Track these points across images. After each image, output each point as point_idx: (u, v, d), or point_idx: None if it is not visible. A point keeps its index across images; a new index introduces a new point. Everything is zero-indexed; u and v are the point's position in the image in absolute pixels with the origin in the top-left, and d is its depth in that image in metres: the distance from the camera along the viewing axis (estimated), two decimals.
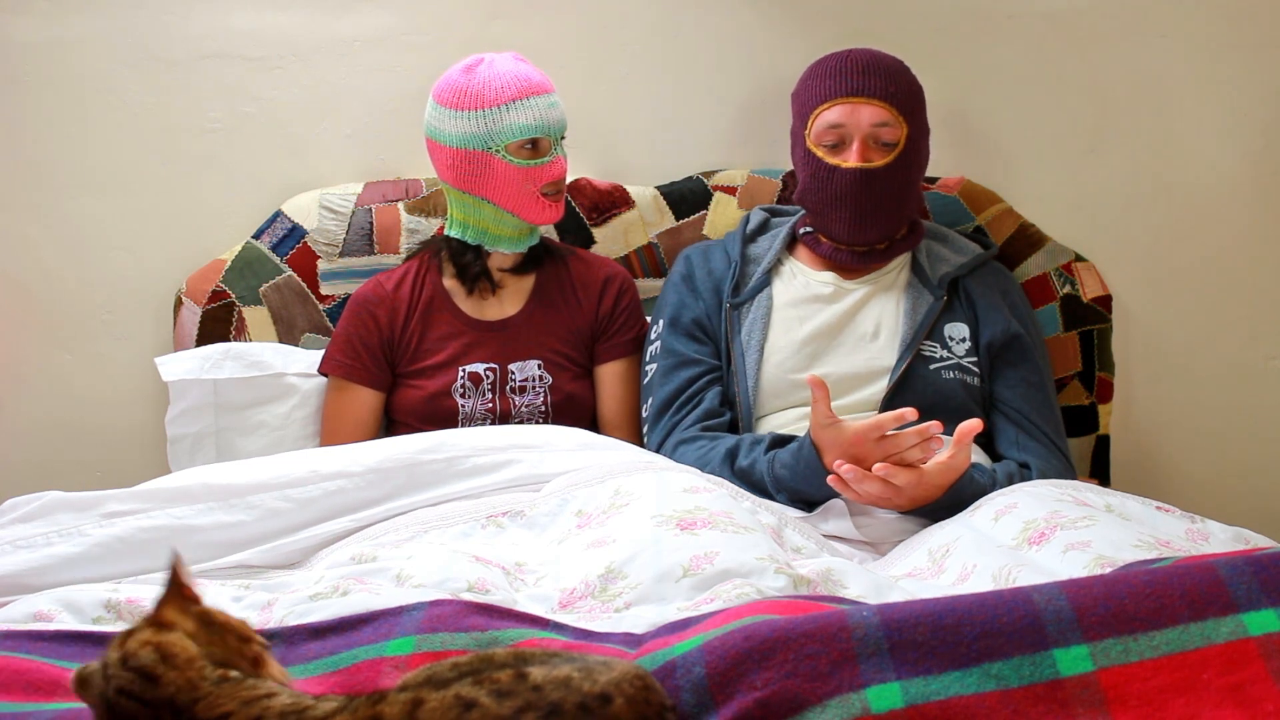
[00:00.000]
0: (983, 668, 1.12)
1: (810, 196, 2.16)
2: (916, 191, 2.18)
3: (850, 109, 2.11)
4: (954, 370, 2.10)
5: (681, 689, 1.12)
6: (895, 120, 2.10)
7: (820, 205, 2.14)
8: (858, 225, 2.12)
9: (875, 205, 2.10)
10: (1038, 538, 1.64)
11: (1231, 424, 2.52)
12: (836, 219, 2.12)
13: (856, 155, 2.10)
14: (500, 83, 2.16)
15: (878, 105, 2.10)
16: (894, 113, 2.10)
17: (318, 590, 1.50)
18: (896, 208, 2.13)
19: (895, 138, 2.10)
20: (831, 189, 2.11)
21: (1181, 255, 2.49)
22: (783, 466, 1.94)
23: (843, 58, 2.15)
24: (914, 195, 2.17)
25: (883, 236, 2.16)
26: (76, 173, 2.46)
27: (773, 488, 1.95)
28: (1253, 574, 1.18)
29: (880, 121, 2.10)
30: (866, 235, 2.13)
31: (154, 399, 2.42)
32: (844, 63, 2.14)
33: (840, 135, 2.12)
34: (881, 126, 2.10)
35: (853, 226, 2.12)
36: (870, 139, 2.11)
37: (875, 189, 2.09)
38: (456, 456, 1.89)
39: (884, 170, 2.09)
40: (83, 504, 1.80)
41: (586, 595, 1.53)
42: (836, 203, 2.12)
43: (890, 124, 2.10)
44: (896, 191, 2.11)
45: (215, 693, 1.03)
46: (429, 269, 2.30)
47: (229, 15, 2.44)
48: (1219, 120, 2.46)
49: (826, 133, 2.12)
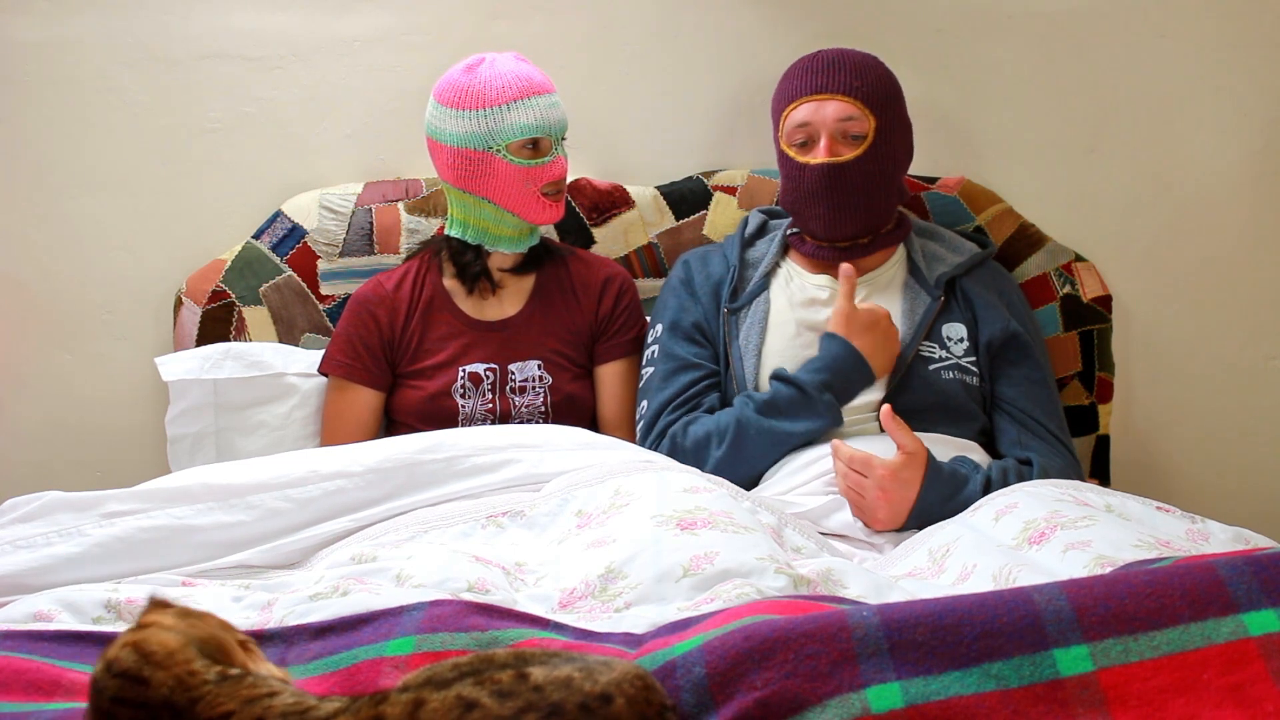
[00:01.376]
0: (983, 668, 1.12)
1: (788, 197, 2.18)
2: (896, 185, 2.17)
3: (815, 106, 2.12)
4: (953, 370, 2.10)
5: (682, 689, 1.12)
6: (862, 114, 2.11)
7: (796, 204, 2.16)
8: (832, 220, 2.12)
9: (847, 199, 2.11)
10: (1038, 537, 1.64)
11: (1231, 424, 2.52)
12: (812, 216, 2.13)
13: (824, 150, 2.11)
14: (501, 82, 2.16)
15: (841, 100, 2.11)
16: (860, 106, 2.11)
17: (318, 590, 1.50)
18: (871, 201, 2.13)
19: (863, 130, 2.11)
20: (804, 186, 2.13)
21: (1181, 255, 2.49)
22: (817, 371, 2.04)
23: (811, 58, 2.17)
24: (891, 189, 2.16)
25: (861, 231, 2.15)
26: (76, 173, 2.46)
27: (816, 391, 2.02)
28: (1253, 574, 1.18)
29: (845, 116, 2.11)
30: (843, 230, 2.14)
31: (154, 399, 2.42)
32: (811, 62, 2.16)
33: (808, 133, 2.13)
34: (847, 121, 2.11)
35: (828, 222, 2.12)
36: (837, 134, 2.11)
37: (845, 182, 2.10)
38: (456, 456, 1.89)
39: (852, 164, 2.10)
40: (83, 504, 1.80)
41: (586, 595, 1.53)
42: (810, 200, 2.13)
43: (856, 118, 2.11)
44: (868, 184, 2.12)
45: (216, 691, 1.02)
46: (429, 269, 2.30)
47: (229, 15, 2.44)
48: (1219, 120, 2.46)
49: (795, 131, 2.14)
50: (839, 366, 2.04)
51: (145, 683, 1.02)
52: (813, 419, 2.03)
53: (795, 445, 2.05)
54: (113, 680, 1.02)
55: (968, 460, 2.02)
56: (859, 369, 2.04)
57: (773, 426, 2.03)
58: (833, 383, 2.03)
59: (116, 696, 1.02)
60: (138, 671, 1.02)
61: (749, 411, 2.05)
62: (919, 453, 1.92)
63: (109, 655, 1.03)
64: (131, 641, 1.04)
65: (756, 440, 2.04)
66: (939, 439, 2.03)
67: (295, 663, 1.29)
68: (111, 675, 1.02)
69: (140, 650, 1.03)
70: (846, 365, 2.04)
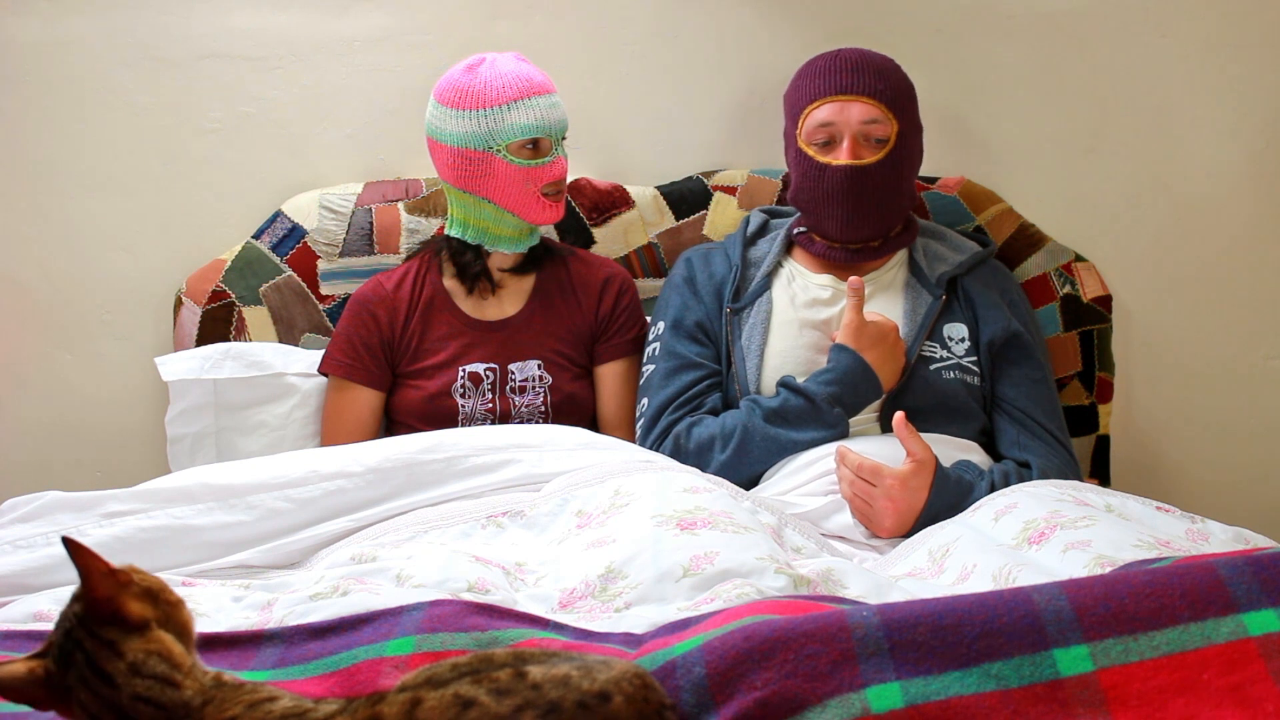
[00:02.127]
0: (983, 668, 1.12)
1: (803, 196, 2.16)
2: (909, 188, 2.18)
3: (840, 107, 2.11)
4: (954, 370, 2.10)
5: (681, 689, 1.12)
6: (885, 117, 2.10)
7: (813, 204, 2.15)
8: (850, 223, 2.12)
9: (867, 202, 2.11)
10: (1038, 538, 1.64)
11: (1231, 424, 2.52)
12: (829, 217, 2.13)
13: (847, 153, 2.10)
14: (502, 82, 2.16)
15: (867, 102, 2.10)
16: (884, 109, 2.10)
17: (318, 590, 1.50)
18: (888, 205, 2.13)
19: (886, 134, 2.11)
20: (823, 187, 2.11)
21: (1181, 255, 2.49)
22: (828, 384, 2.04)
23: (832, 57, 2.15)
24: (906, 192, 2.17)
25: (876, 234, 2.15)
26: (76, 173, 2.46)
27: (827, 404, 2.02)
28: (1253, 574, 1.18)
29: (870, 119, 2.10)
30: (859, 232, 2.13)
31: (154, 399, 2.42)
32: (833, 61, 2.14)
33: (830, 133, 2.12)
34: (871, 124, 2.10)
35: (845, 224, 2.12)
36: (860, 136, 2.11)
37: (867, 186, 2.10)
38: (456, 456, 1.89)
39: (875, 167, 2.09)
40: (83, 504, 1.80)
41: (586, 595, 1.53)
42: (828, 201, 2.12)
43: (880, 121, 2.10)
44: (888, 188, 2.11)
45: (219, 696, 1.04)
46: (429, 269, 2.30)
47: (229, 15, 2.44)
48: (1219, 120, 2.46)
49: (817, 131, 2.12)
50: (849, 379, 2.03)
51: (177, 686, 1.04)
52: (820, 429, 2.03)
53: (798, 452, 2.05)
54: (143, 680, 1.04)
55: (972, 465, 2.02)
56: (868, 381, 2.04)
57: (779, 435, 2.03)
58: (842, 395, 2.03)
59: (143, 696, 1.03)
60: (170, 677, 1.04)
61: (756, 419, 2.04)
62: (928, 461, 1.91)
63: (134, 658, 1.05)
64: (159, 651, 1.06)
65: (762, 447, 2.04)
66: (939, 439, 2.03)
67: (295, 663, 1.29)
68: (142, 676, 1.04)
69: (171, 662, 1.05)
70: (857, 377, 2.03)
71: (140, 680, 1.03)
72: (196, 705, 1.03)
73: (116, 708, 1.03)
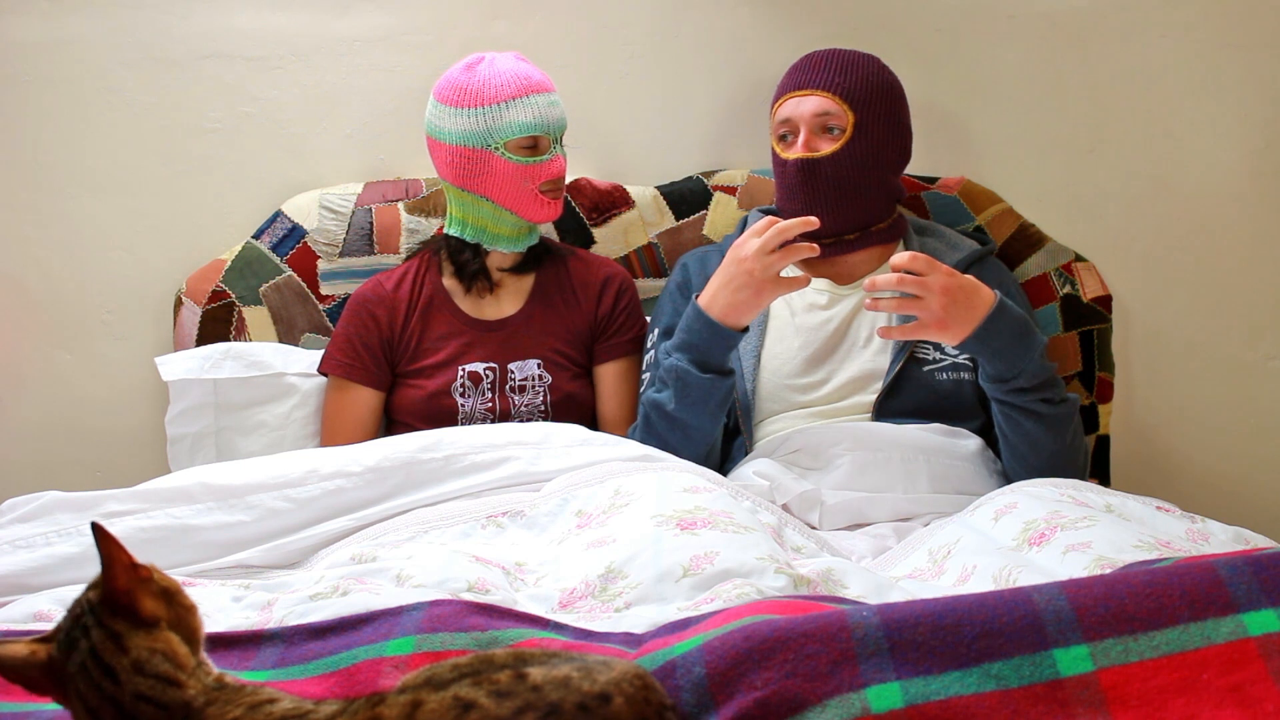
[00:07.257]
0: (983, 668, 1.12)
1: (776, 194, 2.20)
2: (879, 181, 2.16)
3: (795, 102, 2.15)
4: (950, 370, 2.10)
5: (681, 689, 1.12)
6: (840, 109, 2.11)
7: (781, 200, 2.18)
8: (809, 214, 2.11)
9: (823, 193, 2.12)
10: (1038, 538, 1.64)
11: (1231, 423, 2.52)
12: (790, 211, 2.13)
13: (801, 145, 2.12)
14: (501, 80, 2.16)
15: (820, 95, 2.12)
16: (838, 101, 2.11)
17: (318, 590, 1.50)
18: (850, 197, 2.13)
19: (841, 125, 2.12)
20: (785, 181, 2.15)
21: (1181, 255, 2.49)
22: (681, 332, 1.99)
23: (805, 57, 2.19)
24: (874, 185, 2.15)
25: (840, 226, 2.15)
26: (76, 173, 2.46)
27: (684, 355, 1.98)
28: (1253, 574, 1.18)
29: (822, 111, 2.12)
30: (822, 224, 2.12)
31: (154, 399, 2.42)
32: (802, 61, 2.19)
33: (789, 128, 2.15)
34: (824, 115, 2.12)
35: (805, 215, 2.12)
36: (815, 129, 2.13)
37: (821, 176, 2.11)
38: (454, 455, 1.89)
39: (828, 159, 2.11)
40: (82, 504, 1.80)
41: (586, 595, 1.53)
42: (790, 195, 2.14)
43: (834, 113, 2.12)
44: (846, 180, 2.12)
45: (220, 698, 1.04)
46: (429, 268, 2.30)
47: (229, 15, 2.45)
48: (1219, 120, 2.46)
49: (779, 127, 2.17)
50: (693, 327, 1.99)
51: (180, 685, 1.04)
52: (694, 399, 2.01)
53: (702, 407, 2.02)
54: (144, 679, 1.04)
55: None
56: (710, 329, 1.98)
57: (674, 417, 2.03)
58: (687, 343, 2.00)
59: (145, 695, 1.03)
60: (173, 676, 1.04)
61: (669, 392, 2.03)
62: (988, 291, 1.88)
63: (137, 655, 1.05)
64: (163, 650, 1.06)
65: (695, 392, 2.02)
66: (935, 429, 2.04)
67: (295, 663, 1.29)
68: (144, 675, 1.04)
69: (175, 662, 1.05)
70: (700, 326, 1.99)
71: (143, 679, 1.03)
72: (198, 706, 1.03)
73: (117, 704, 1.03)
